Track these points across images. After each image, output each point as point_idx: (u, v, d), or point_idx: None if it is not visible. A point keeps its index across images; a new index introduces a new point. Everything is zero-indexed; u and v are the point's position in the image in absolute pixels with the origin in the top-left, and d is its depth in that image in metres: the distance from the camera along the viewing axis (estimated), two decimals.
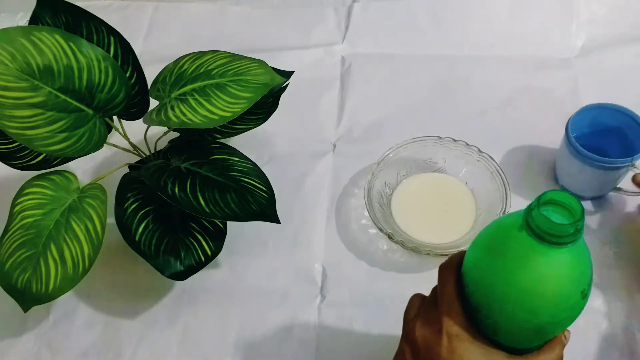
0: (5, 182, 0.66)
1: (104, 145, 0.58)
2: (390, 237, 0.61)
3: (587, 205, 0.66)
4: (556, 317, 0.36)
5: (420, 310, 0.42)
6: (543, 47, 0.80)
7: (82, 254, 0.54)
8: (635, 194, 0.63)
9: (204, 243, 0.59)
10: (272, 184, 0.61)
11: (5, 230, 0.55)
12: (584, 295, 0.36)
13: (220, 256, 0.60)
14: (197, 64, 0.61)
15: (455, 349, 0.37)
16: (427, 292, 0.61)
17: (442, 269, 0.41)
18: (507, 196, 0.62)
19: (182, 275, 0.57)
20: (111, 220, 0.57)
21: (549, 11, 0.83)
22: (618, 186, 0.64)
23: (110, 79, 0.55)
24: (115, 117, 0.59)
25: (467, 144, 0.66)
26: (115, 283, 0.65)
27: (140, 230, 0.58)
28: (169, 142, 0.65)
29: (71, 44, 0.53)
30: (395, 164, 0.67)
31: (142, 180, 0.59)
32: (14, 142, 0.58)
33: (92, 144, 0.56)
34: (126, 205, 0.59)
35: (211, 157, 0.61)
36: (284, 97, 0.66)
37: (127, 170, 0.64)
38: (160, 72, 0.63)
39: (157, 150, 0.65)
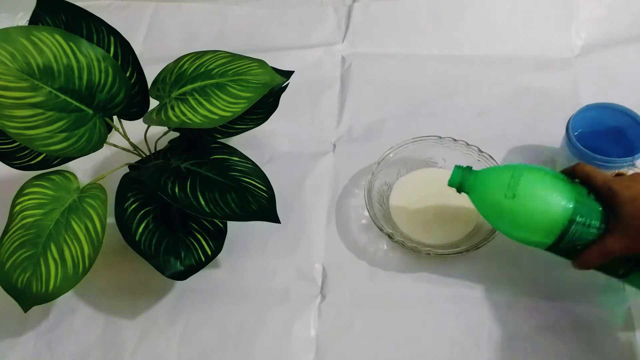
0: (5, 182, 0.66)
1: (104, 145, 0.58)
2: (390, 237, 0.61)
3: None
4: None
5: None
6: (543, 47, 0.80)
7: (82, 254, 0.54)
8: None
9: (204, 243, 0.59)
10: (272, 184, 0.61)
11: (5, 230, 0.55)
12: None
13: (220, 256, 0.60)
14: (197, 64, 0.61)
15: None
16: (425, 292, 0.61)
17: None
18: None
19: (182, 275, 0.57)
20: (111, 220, 0.57)
21: (549, 11, 0.83)
22: None
23: (110, 79, 0.55)
24: (115, 117, 0.59)
25: (467, 144, 0.66)
26: (115, 283, 0.65)
27: (140, 230, 0.58)
28: (169, 142, 0.65)
29: (71, 43, 0.53)
30: (395, 163, 0.67)
31: (142, 180, 0.59)
32: (14, 142, 0.58)
33: (92, 144, 0.56)
34: (126, 205, 0.59)
35: (211, 157, 0.61)
36: (284, 97, 0.66)
37: (127, 170, 0.64)
38: (160, 72, 0.63)
39: (157, 150, 0.65)
